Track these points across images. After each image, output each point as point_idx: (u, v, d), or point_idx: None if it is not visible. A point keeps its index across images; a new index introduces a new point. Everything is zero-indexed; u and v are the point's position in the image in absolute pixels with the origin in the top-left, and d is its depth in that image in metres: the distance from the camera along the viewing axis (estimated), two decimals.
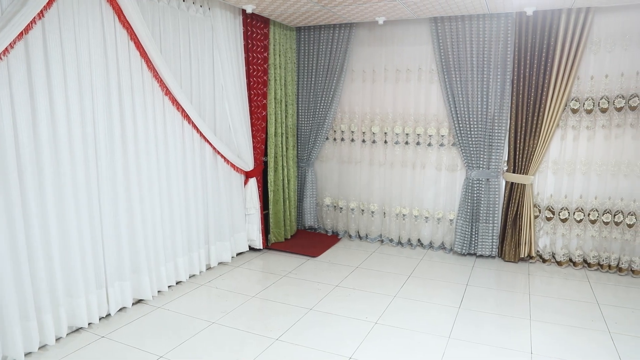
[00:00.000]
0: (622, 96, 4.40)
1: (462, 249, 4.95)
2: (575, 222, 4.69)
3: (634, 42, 4.32)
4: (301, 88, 5.52)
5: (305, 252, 5.10)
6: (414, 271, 4.59)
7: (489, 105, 4.71)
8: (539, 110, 4.54)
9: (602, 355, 3.10)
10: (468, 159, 4.85)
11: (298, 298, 3.94)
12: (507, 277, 4.53)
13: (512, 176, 4.73)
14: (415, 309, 3.76)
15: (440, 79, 4.87)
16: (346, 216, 5.64)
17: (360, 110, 5.38)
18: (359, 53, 5.30)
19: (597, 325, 3.53)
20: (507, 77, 4.64)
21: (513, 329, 3.45)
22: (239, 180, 4.86)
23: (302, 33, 5.40)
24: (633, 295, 4.14)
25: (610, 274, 4.62)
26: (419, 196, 5.22)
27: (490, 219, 4.83)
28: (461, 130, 4.83)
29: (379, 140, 5.32)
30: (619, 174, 4.52)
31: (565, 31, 4.37)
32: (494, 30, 4.61)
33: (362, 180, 5.48)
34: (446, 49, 4.77)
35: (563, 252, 4.76)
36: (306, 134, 5.56)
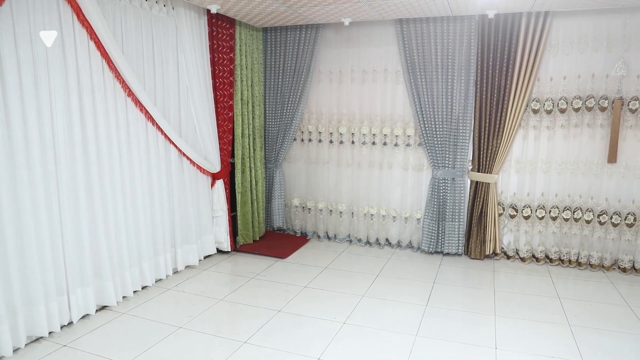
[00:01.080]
0: (580, 97, 4.55)
1: (429, 248, 5.02)
2: (537, 219, 4.82)
3: (589, 45, 4.48)
4: (268, 89, 5.49)
5: (274, 253, 5.08)
6: (382, 270, 4.63)
7: (454, 105, 4.80)
8: (501, 110, 4.65)
9: (562, 347, 3.20)
10: (434, 159, 4.92)
11: (266, 300, 3.92)
12: (473, 274, 4.61)
13: (476, 175, 4.82)
14: (384, 308, 3.79)
15: (406, 80, 4.93)
16: (315, 217, 5.64)
17: (327, 110, 5.39)
18: (325, 54, 5.31)
19: (558, 318, 3.64)
20: (470, 79, 4.73)
21: (479, 324, 3.52)
22: (206, 182, 4.80)
23: (268, 34, 5.38)
24: (591, 288, 4.28)
25: (571, 268, 4.77)
26: (387, 196, 5.27)
27: (456, 217, 4.91)
28: (427, 130, 4.90)
29: (346, 140, 5.35)
30: (577, 172, 4.67)
31: (525, 34, 4.48)
32: (457, 32, 4.70)
33: (330, 180, 5.49)
34: (411, 50, 4.83)
35: (526, 248, 4.88)
36: (274, 134, 5.54)
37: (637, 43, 4.37)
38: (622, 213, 4.60)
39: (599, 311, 3.78)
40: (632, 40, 4.37)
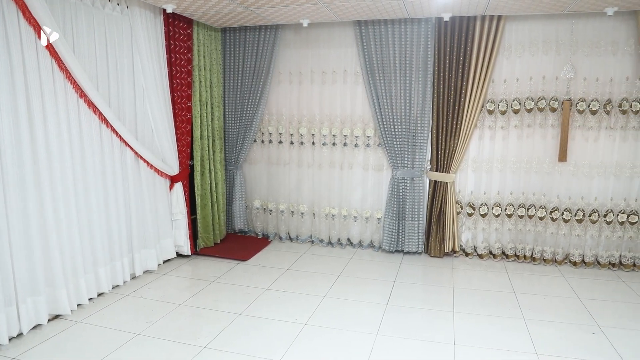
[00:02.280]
0: (532, 98, 4.71)
1: (390, 247, 5.08)
2: (493, 217, 4.96)
3: (540, 48, 4.64)
4: (227, 90, 5.43)
5: (235, 256, 5.02)
6: (343, 270, 4.66)
7: (412, 106, 4.87)
8: (458, 111, 4.76)
9: (517, 339, 3.30)
10: (393, 159, 4.99)
11: (227, 303, 3.87)
12: (432, 272, 4.70)
13: (435, 175, 4.92)
14: (345, 308, 3.81)
15: (365, 81, 4.98)
16: (276, 218, 5.62)
17: (287, 112, 5.38)
18: (285, 55, 5.30)
19: (513, 312, 3.75)
20: (428, 80, 4.82)
21: (438, 321, 3.59)
22: (164, 185, 4.71)
23: (227, 34, 5.32)
24: (545, 282, 4.44)
25: (526, 263, 4.93)
26: (347, 196, 5.30)
27: (415, 216, 4.99)
28: (386, 131, 4.96)
29: (306, 141, 5.35)
30: (530, 170, 4.83)
31: (480, 37, 4.60)
32: (415, 35, 4.78)
33: (291, 181, 5.48)
34: (370, 51, 4.88)
35: (484, 245, 5.02)
36: (234, 136, 5.48)
37: (583, 47, 4.56)
38: (572, 209, 4.78)
39: (551, 304, 3.92)
40: (578, 44, 4.56)
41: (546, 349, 3.17)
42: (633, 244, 4.75)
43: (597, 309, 3.82)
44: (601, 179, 4.71)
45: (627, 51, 4.50)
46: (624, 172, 4.67)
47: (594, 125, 4.64)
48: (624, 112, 4.57)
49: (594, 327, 3.52)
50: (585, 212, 4.77)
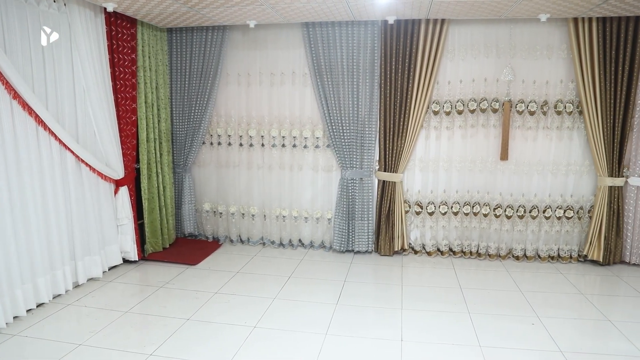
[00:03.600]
0: (474, 100, 4.87)
1: (340, 247, 5.13)
2: (440, 215, 5.10)
3: (481, 51, 4.81)
4: (175, 91, 5.33)
5: (185, 260, 4.93)
6: (294, 272, 4.66)
7: (360, 107, 4.94)
8: (404, 112, 4.86)
9: (462, 333, 3.40)
10: (342, 160, 5.04)
11: (175, 309, 3.79)
12: (382, 270, 4.77)
13: (383, 175, 5.00)
14: (294, 309, 3.81)
15: (313, 83, 5.00)
16: (226, 221, 5.56)
17: (236, 113, 5.34)
18: (233, 56, 5.25)
19: (459, 307, 3.87)
20: (375, 81, 4.90)
21: (386, 319, 3.65)
22: (109, 189, 4.56)
23: (174, 35, 5.22)
24: (489, 276, 4.60)
25: (472, 259, 5.09)
26: (298, 197, 5.32)
27: (365, 216, 5.06)
28: (335, 132, 5.00)
29: (256, 143, 5.32)
30: (474, 169, 4.99)
31: (425, 39, 4.72)
32: (362, 37, 4.84)
33: (241, 184, 5.44)
34: (318, 53, 4.91)
35: (432, 242, 5.14)
36: (182, 138, 5.38)
37: (521, 51, 4.76)
38: (514, 206, 4.98)
39: (495, 298, 4.07)
40: (517, 48, 4.76)
41: (489, 341, 3.29)
42: (570, 237, 5.01)
43: (537, 301, 4.00)
44: (540, 176, 4.93)
45: (560, 55, 4.74)
46: (560, 170, 4.91)
47: (532, 126, 4.86)
48: (559, 113, 4.81)
49: (533, 318, 3.68)
50: (526, 208, 4.99)
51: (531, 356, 3.11)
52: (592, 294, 4.21)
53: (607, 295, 4.25)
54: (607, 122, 4.64)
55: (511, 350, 3.19)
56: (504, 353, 3.14)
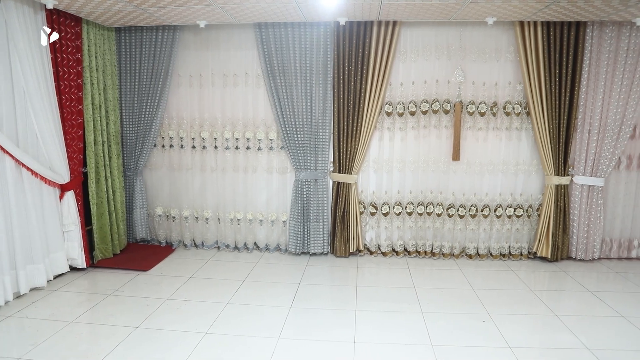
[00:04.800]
0: (427, 101, 4.94)
1: (296, 249, 5.09)
2: (395, 215, 5.14)
3: (433, 53, 4.89)
4: (124, 93, 5.17)
5: (136, 266, 4.78)
6: (248, 275, 4.59)
7: (313, 109, 4.92)
8: (358, 113, 4.87)
9: (415, 334, 3.43)
10: (296, 162, 5.01)
11: (123, 317, 3.66)
12: (338, 272, 4.77)
13: (337, 176, 5.00)
14: (247, 314, 3.75)
15: (266, 84, 4.95)
16: (180, 225, 5.43)
17: (188, 115, 5.22)
18: (184, 57, 5.14)
19: (413, 307, 3.90)
20: (328, 83, 4.89)
21: (340, 320, 3.63)
22: (53, 194, 4.38)
23: (122, 34, 5.06)
24: (443, 275, 4.67)
25: (427, 259, 5.15)
26: (253, 200, 5.25)
27: (320, 218, 5.05)
28: (288, 133, 4.97)
29: (209, 145, 5.23)
30: (428, 170, 5.06)
31: (377, 41, 4.75)
32: (315, 38, 4.83)
33: (194, 187, 5.33)
34: (270, 54, 4.87)
35: (387, 243, 5.18)
36: (132, 141, 5.22)
37: (471, 54, 4.87)
38: (466, 205, 5.08)
39: (448, 296, 4.12)
40: (467, 50, 4.86)
41: (441, 340, 3.33)
42: (520, 235, 5.14)
43: (488, 298, 4.08)
44: (491, 176, 5.05)
45: (508, 58, 4.87)
46: (509, 169, 5.03)
47: (482, 126, 4.96)
48: (508, 114, 4.93)
49: (484, 315, 3.75)
50: (478, 207, 5.09)
51: (481, 353, 3.17)
52: (540, 290, 4.33)
53: (554, 290, 4.38)
54: (552, 122, 4.79)
55: (462, 348, 3.23)
56: (455, 351, 3.19)
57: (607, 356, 3.13)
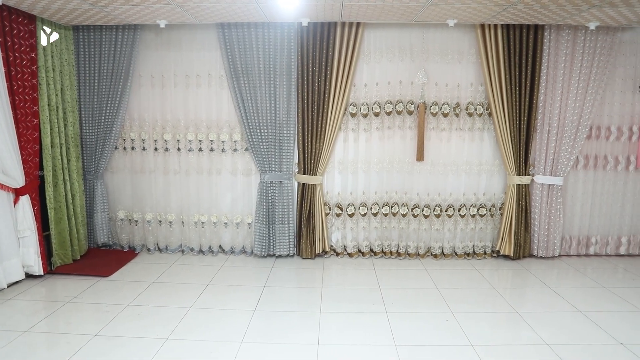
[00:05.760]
0: (391, 102, 4.97)
1: (261, 251, 5.05)
2: (360, 216, 5.15)
3: (396, 55, 4.92)
4: (83, 94, 5.02)
5: (97, 272, 4.65)
6: (213, 279, 4.52)
7: (278, 110, 4.89)
8: (322, 114, 4.87)
9: (379, 334, 3.43)
10: (261, 163, 4.97)
11: (82, 325, 3.55)
12: (303, 273, 4.74)
13: (302, 177, 4.98)
14: (210, 318, 3.68)
15: (229, 85, 4.89)
16: (143, 229, 5.31)
17: (150, 117, 5.11)
18: (146, 57, 5.03)
19: (378, 307, 3.90)
20: (292, 84, 4.87)
21: (305, 323, 3.61)
22: (7, 199, 4.21)
23: (80, 33, 4.91)
24: (409, 275, 4.70)
25: (392, 259, 5.18)
26: (217, 202, 5.18)
27: (285, 219, 5.01)
28: (252, 135, 4.92)
29: (172, 147, 5.13)
30: (392, 170, 5.09)
31: (341, 42, 4.76)
32: (278, 39, 4.80)
33: (157, 190, 5.22)
34: (234, 55, 4.81)
35: (353, 244, 5.18)
36: (92, 143, 5.08)
37: (434, 55, 4.92)
38: (431, 205, 5.13)
39: (412, 296, 4.15)
40: (429, 52, 4.91)
41: (404, 340, 3.34)
42: (483, 234, 5.23)
43: (452, 297, 4.12)
44: (454, 176, 5.11)
45: (470, 60, 4.94)
46: (472, 169, 5.11)
47: (446, 127, 5.03)
48: (470, 115, 5.01)
49: (448, 314, 3.79)
50: (442, 207, 5.15)
51: (443, 352, 3.19)
52: (503, 288, 4.40)
53: (516, 288, 4.46)
54: (513, 123, 4.89)
55: (425, 347, 3.25)
56: (418, 351, 3.20)
57: (565, 351, 3.20)
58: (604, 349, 3.26)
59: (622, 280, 4.61)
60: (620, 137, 5.16)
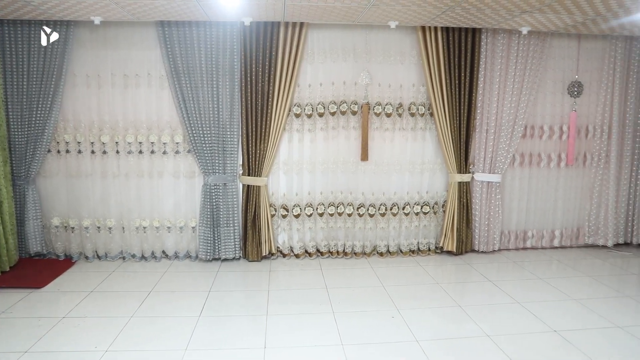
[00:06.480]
0: (335, 102, 4.99)
1: (206, 255, 4.93)
2: (306, 217, 5.14)
3: (340, 55, 4.95)
4: (11, 93, 4.71)
5: (29, 284, 4.38)
6: (156, 286, 4.37)
7: (221, 111, 4.80)
8: (266, 115, 4.82)
9: (326, 334, 3.43)
10: (204, 165, 4.85)
11: (10, 342, 3.31)
12: (250, 276, 4.68)
13: (247, 179, 4.91)
14: (153, 326, 3.55)
15: (170, 85, 4.75)
16: (80, 236, 5.05)
17: (86, 118, 4.86)
18: (80, 55, 4.79)
19: (324, 307, 3.91)
20: (236, 84, 4.79)
21: (251, 327, 3.56)
22: None
23: (6, 28, 4.60)
24: (355, 274, 4.74)
25: (339, 259, 5.20)
26: (159, 206, 5.01)
27: (231, 222, 4.93)
28: (195, 136, 4.80)
29: (110, 150, 4.90)
30: (337, 170, 5.11)
31: (284, 42, 4.72)
32: (221, 38, 4.71)
33: (95, 194, 4.98)
34: (175, 54, 4.67)
35: (299, 245, 5.16)
36: (22, 146, 4.78)
37: (377, 56, 4.99)
38: (376, 205, 5.19)
39: (359, 295, 4.18)
40: (372, 53, 4.97)
41: (351, 339, 3.35)
42: (427, 231, 5.35)
43: (398, 294, 4.19)
44: (398, 175, 5.21)
45: (412, 61, 5.05)
46: (415, 168, 5.22)
47: (389, 127, 5.10)
48: (413, 115, 5.11)
49: (394, 311, 3.84)
50: (387, 206, 5.22)
51: (389, 349, 3.23)
52: (447, 283, 4.52)
53: (459, 282, 4.60)
54: (454, 123, 5.03)
55: (371, 345, 3.28)
56: (365, 349, 3.23)
57: (505, 341, 3.33)
58: (540, 336, 3.42)
59: (556, 271, 4.85)
60: (552, 136, 5.43)
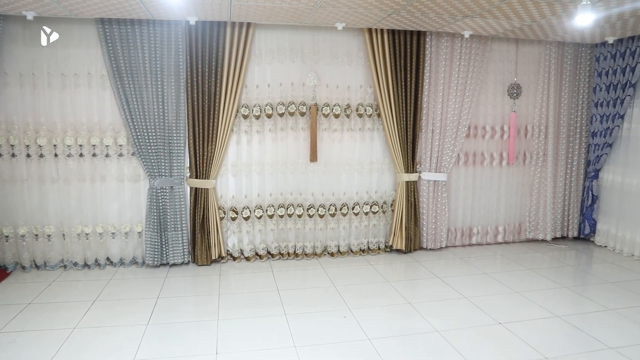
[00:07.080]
0: (283, 103, 4.98)
1: (154, 261, 4.79)
2: (256, 219, 5.09)
3: (287, 56, 4.93)
4: None
5: None
6: (100, 294, 4.19)
7: (166, 112, 4.67)
8: (214, 116, 4.73)
9: (278, 336, 3.42)
10: (150, 168, 4.71)
11: None
12: (200, 281, 4.58)
13: (195, 182, 4.81)
14: (98, 337, 3.40)
15: (112, 86, 4.57)
16: (16, 245, 4.75)
17: (20, 120, 4.57)
18: (12, 53, 4.52)
19: (276, 310, 3.88)
20: (181, 85, 4.68)
21: (201, 332, 3.48)
22: None
23: None
24: (307, 275, 4.75)
25: (290, 260, 5.19)
26: (102, 211, 4.81)
27: (178, 226, 4.81)
28: (139, 138, 4.65)
29: (47, 153, 4.65)
30: (287, 171, 5.10)
31: (231, 42, 4.66)
32: (165, 37, 4.58)
33: (32, 201, 4.70)
34: (117, 53, 4.50)
35: (249, 247, 5.11)
36: None
37: (324, 57, 5.02)
38: (325, 205, 5.22)
39: (310, 296, 4.19)
40: (320, 54, 4.99)
41: (304, 341, 3.35)
42: (377, 230, 5.43)
43: (349, 294, 4.22)
44: (347, 175, 5.26)
45: (359, 62, 5.11)
46: (364, 168, 5.29)
47: (338, 128, 5.14)
48: (361, 116, 5.18)
49: (346, 310, 3.87)
50: (337, 206, 5.26)
51: (342, 348, 3.25)
52: (397, 281, 4.61)
53: (408, 280, 4.69)
54: (400, 123, 5.13)
55: (324, 345, 3.29)
56: (318, 350, 3.23)
57: (453, 335, 3.43)
58: (486, 329, 3.55)
59: (500, 266, 5.05)
60: (494, 136, 5.65)
